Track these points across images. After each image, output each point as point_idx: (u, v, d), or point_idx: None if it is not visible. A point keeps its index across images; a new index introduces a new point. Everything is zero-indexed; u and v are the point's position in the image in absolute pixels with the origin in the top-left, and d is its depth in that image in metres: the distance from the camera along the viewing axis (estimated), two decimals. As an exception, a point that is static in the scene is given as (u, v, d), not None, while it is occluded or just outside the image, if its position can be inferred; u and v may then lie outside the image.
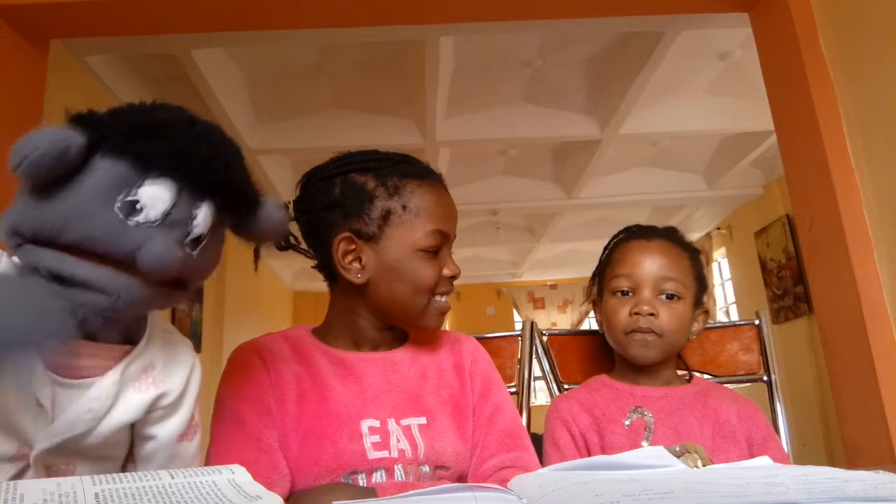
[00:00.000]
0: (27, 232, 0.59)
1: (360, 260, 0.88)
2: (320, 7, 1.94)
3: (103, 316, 0.63)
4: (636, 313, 1.05)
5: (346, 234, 0.88)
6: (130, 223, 0.59)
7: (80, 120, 0.60)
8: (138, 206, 0.59)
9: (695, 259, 1.12)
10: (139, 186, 0.59)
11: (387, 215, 0.87)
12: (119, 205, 0.59)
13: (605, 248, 1.18)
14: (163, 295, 0.64)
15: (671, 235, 1.13)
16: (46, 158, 0.56)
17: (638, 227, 1.16)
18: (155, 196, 0.59)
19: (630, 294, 1.08)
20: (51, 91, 1.99)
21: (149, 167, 0.60)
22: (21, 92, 1.87)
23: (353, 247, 0.88)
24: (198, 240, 0.63)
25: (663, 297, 1.06)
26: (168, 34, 2.19)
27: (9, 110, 1.78)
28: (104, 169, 0.59)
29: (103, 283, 0.60)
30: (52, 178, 0.58)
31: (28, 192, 0.59)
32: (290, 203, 0.93)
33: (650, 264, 1.07)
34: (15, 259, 0.63)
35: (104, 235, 0.59)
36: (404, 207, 0.87)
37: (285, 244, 0.94)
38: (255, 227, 0.71)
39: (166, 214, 0.60)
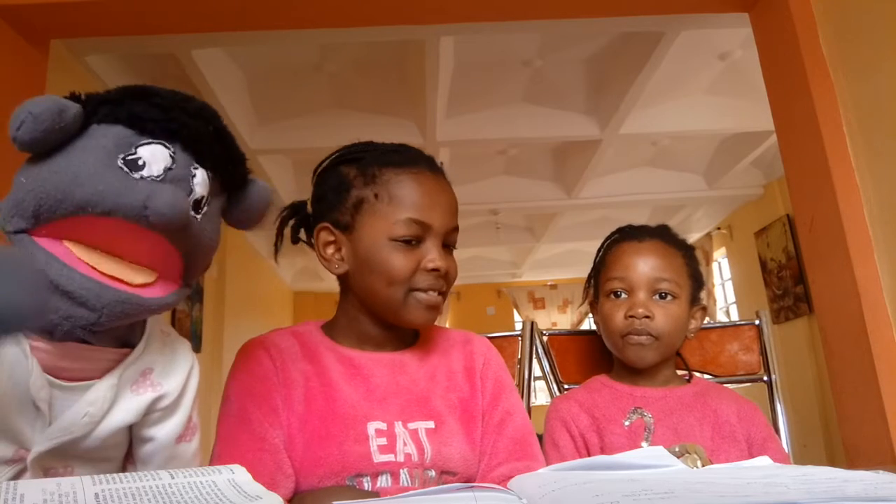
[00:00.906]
0: (29, 208, 0.59)
1: (340, 251, 0.88)
2: (320, 7, 1.94)
3: (88, 330, 0.62)
4: (631, 316, 1.04)
5: (325, 224, 0.88)
6: (135, 177, 0.60)
7: (73, 96, 0.63)
8: (141, 162, 0.60)
9: (689, 257, 1.11)
10: (137, 146, 0.61)
11: (359, 204, 0.86)
12: (122, 161, 0.60)
13: (599, 250, 1.17)
14: (152, 304, 0.64)
15: (664, 234, 1.12)
16: (43, 120, 0.57)
17: (630, 227, 1.15)
18: (154, 152, 0.61)
19: (624, 296, 1.07)
20: (51, 91, 1.97)
21: (143, 130, 0.62)
22: (21, 92, 1.87)
23: (332, 238, 0.88)
24: (199, 202, 0.64)
25: (657, 297, 1.06)
26: (168, 34, 2.19)
27: (9, 111, 1.77)
28: (102, 131, 0.61)
29: (89, 297, 0.59)
30: (51, 143, 0.59)
31: (29, 163, 0.61)
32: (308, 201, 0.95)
33: (643, 265, 1.06)
34: None
35: (111, 191, 0.58)
36: (376, 196, 0.85)
37: (298, 237, 0.94)
38: (246, 202, 0.72)
39: (169, 169, 0.61)
